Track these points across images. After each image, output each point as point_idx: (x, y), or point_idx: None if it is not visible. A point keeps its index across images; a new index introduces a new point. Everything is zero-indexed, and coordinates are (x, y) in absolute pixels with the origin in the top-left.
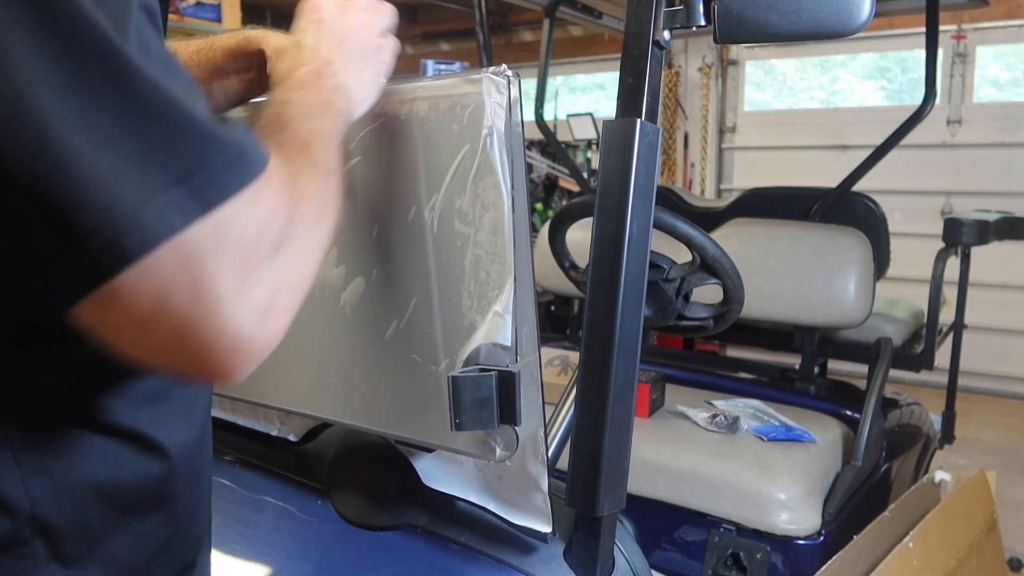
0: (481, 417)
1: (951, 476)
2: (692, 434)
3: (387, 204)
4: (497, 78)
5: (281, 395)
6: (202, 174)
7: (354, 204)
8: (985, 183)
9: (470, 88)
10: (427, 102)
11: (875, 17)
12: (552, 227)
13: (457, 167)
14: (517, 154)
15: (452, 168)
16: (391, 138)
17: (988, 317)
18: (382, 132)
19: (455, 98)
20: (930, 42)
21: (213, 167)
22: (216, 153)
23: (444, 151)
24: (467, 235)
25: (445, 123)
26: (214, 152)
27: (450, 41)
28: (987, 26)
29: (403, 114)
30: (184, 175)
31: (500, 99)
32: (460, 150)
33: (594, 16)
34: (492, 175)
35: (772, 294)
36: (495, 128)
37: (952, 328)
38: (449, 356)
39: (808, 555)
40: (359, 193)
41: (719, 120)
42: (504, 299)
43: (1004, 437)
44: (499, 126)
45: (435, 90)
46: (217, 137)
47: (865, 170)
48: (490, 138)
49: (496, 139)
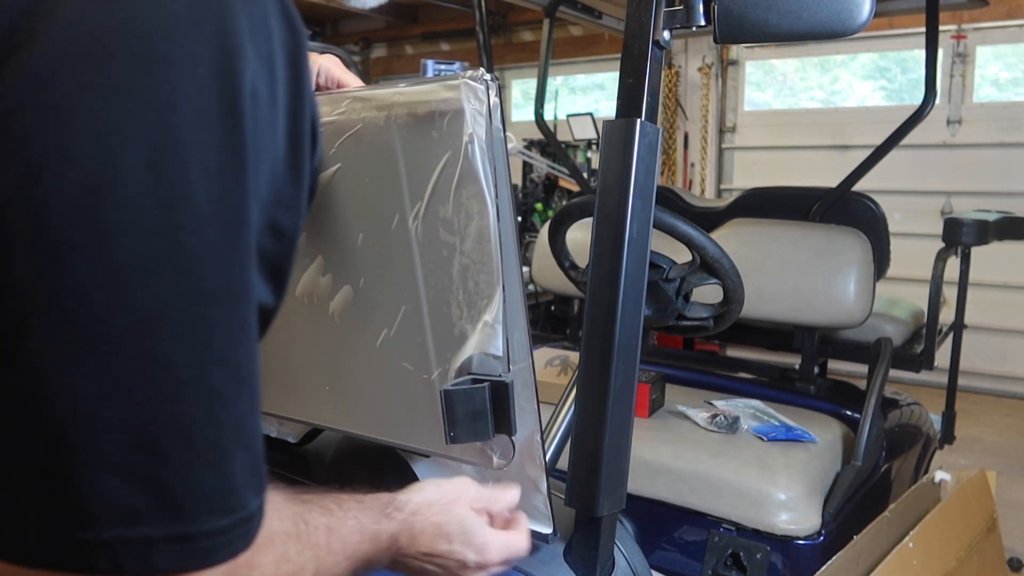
0: (476, 429)
1: (951, 476)
2: (692, 434)
3: (370, 212)
4: (476, 84)
5: (276, 402)
6: (204, 530)
7: (337, 211)
8: (985, 183)
9: (448, 94)
10: (405, 108)
11: (875, 17)
12: (552, 227)
13: (439, 175)
14: (500, 161)
15: (434, 176)
16: (371, 145)
17: (988, 317)
18: (361, 139)
19: (433, 104)
20: (930, 42)
21: (219, 527)
22: (231, 511)
23: (425, 159)
24: (453, 244)
25: (425, 130)
26: (229, 510)
27: (450, 41)
28: (987, 26)
29: (381, 121)
30: (189, 521)
31: (480, 105)
32: (441, 158)
33: (594, 16)
34: (475, 183)
35: (772, 294)
36: (476, 135)
37: (952, 328)
38: (441, 365)
39: (808, 555)
40: (341, 200)
41: (719, 120)
42: (494, 309)
43: (1004, 437)
44: (480, 133)
45: (413, 96)
46: (239, 494)
47: (865, 170)
48: (471, 146)
49: (477, 147)
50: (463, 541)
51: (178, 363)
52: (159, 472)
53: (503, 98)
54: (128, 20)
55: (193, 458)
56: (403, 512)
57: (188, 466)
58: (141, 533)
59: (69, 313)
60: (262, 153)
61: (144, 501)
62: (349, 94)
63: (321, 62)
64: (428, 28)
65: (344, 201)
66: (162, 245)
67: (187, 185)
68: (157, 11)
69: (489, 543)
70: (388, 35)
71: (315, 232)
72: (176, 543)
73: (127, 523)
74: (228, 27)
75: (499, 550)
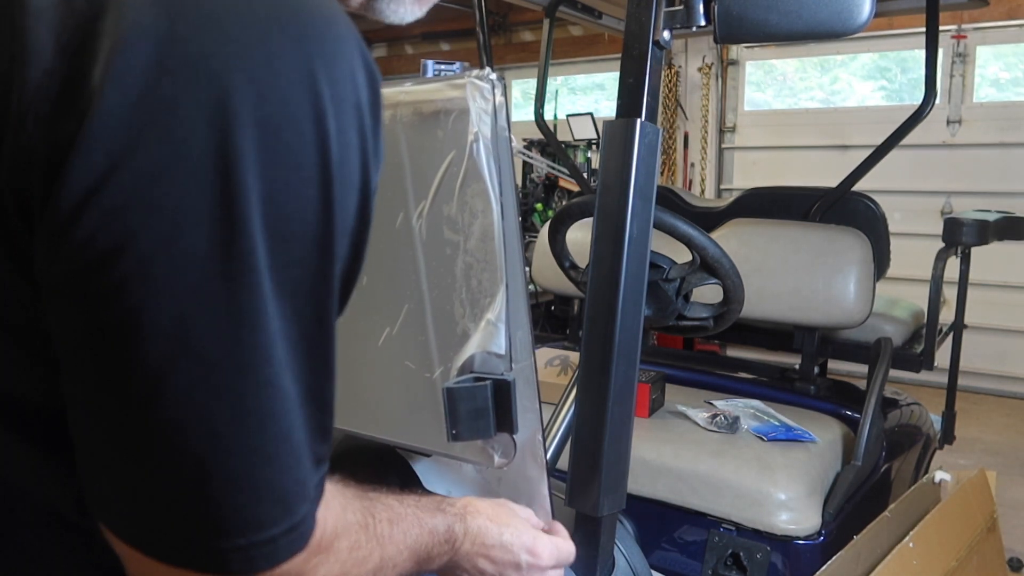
0: (477, 427)
1: (951, 476)
2: (692, 434)
3: (374, 210)
4: (481, 83)
5: None
6: (265, 536)
7: None
8: (985, 183)
9: (454, 93)
10: (411, 107)
11: (875, 17)
12: (552, 227)
13: (443, 174)
14: (505, 160)
15: (438, 175)
16: None
17: (988, 317)
18: None
19: (439, 103)
20: (930, 42)
21: (271, 534)
22: (305, 501)
23: (430, 157)
24: (457, 243)
25: (430, 129)
26: (304, 499)
27: (450, 41)
28: (987, 26)
29: (387, 119)
30: (286, 518)
31: (485, 104)
32: (446, 157)
33: (594, 16)
34: (480, 182)
35: (772, 294)
36: (481, 134)
37: (952, 328)
38: (444, 364)
39: (808, 555)
40: None
41: (719, 120)
42: (497, 307)
43: (1004, 437)
44: (485, 132)
45: (418, 95)
46: (311, 476)
47: (865, 170)
48: (476, 144)
49: (482, 145)
50: (515, 538)
51: (286, 389)
52: (274, 478)
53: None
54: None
55: (292, 459)
56: (455, 507)
57: (289, 465)
58: (268, 535)
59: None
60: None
61: (268, 509)
62: None
63: None
64: (428, 28)
65: None
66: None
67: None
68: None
69: (540, 544)
70: (388, 35)
71: None
72: (290, 534)
73: (257, 530)
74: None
75: (550, 552)
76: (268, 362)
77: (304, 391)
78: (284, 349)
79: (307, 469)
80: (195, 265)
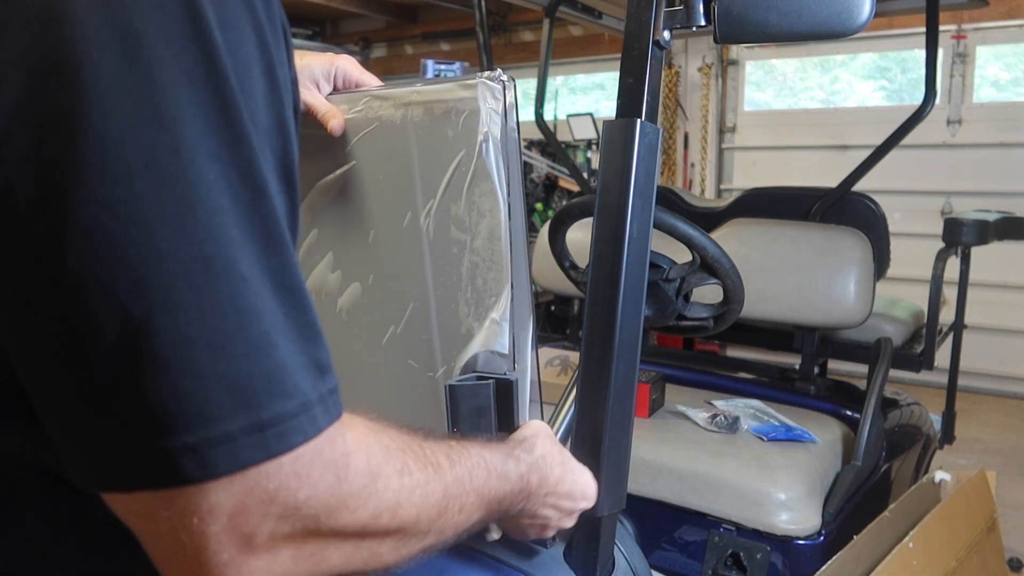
0: (479, 426)
1: (951, 476)
2: (692, 434)
3: (382, 209)
4: (492, 83)
5: None
6: (266, 419)
7: (349, 209)
8: (985, 183)
9: (465, 93)
10: (422, 107)
11: (875, 17)
12: (552, 227)
13: (452, 173)
14: (513, 160)
15: (447, 174)
16: (386, 143)
17: (988, 317)
18: (377, 137)
19: (450, 103)
20: (930, 42)
21: (225, 428)
22: (283, 397)
23: (439, 157)
24: (463, 242)
25: (440, 128)
26: (280, 395)
27: (450, 41)
28: (987, 26)
29: (398, 119)
30: (245, 412)
31: (496, 105)
32: (455, 156)
33: (594, 16)
34: (488, 182)
35: (772, 294)
36: (491, 134)
37: (952, 328)
38: (447, 363)
39: (808, 555)
40: (354, 198)
41: (719, 120)
42: (501, 306)
43: (1004, 437)
44: (495, 132)
45: (430, 95)
46: (294, 378)
47: (865, 170)
48: (486, 144)
49: (492, 145)
50: (576, 485)
51: (231, 261)
52: (220, 365)
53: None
54: None
55: (247, 344)
56: (532, 455)
57: (244, 354)
58: (220, 430)
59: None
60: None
61: (216, 397)
62: (368, 92)
63: (338, 63)
64: (428, 28)
65: (357, 199)
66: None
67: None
68: None
69: (592, 488)
70: (388, 35)
71: (326, 229)
72: (255, 432)
73: (201, 423)
74: None
75: (584, 488)
76: (202, 225)
77: (263, 274)
78: (229, 216)
79: (280, 364)
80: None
